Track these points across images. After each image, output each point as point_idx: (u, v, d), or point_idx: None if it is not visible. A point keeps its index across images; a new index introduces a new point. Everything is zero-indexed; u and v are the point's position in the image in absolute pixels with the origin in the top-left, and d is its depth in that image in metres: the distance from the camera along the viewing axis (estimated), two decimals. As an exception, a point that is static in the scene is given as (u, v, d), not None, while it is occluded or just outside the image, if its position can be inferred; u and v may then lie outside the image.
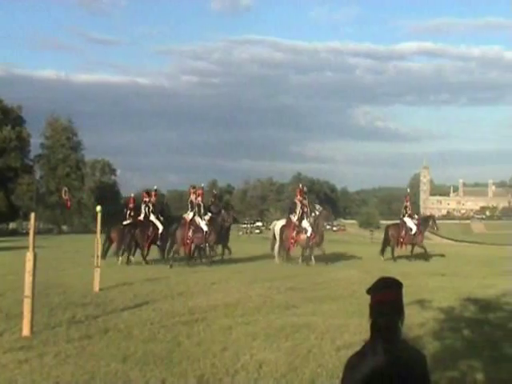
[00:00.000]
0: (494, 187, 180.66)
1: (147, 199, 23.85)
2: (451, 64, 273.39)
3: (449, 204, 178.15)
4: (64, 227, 79.15)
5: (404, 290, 2.94)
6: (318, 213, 22.51)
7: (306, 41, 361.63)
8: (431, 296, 12.43)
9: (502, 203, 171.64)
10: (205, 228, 21.18)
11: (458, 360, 7.39)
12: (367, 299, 2.93)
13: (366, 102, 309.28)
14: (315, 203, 24.72)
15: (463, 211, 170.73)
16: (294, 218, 22.30)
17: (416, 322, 9.39)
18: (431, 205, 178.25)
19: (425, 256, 23.54)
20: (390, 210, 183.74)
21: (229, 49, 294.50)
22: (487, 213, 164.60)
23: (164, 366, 7.14)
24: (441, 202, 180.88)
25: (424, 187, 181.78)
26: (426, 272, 18.76)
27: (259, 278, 16.26)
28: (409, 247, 24.46)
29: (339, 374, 2.95)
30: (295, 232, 21.96)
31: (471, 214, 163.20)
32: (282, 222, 23.42)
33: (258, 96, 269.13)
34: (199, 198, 21.94)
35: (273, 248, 22.90)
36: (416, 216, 26.29)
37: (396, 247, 24.20)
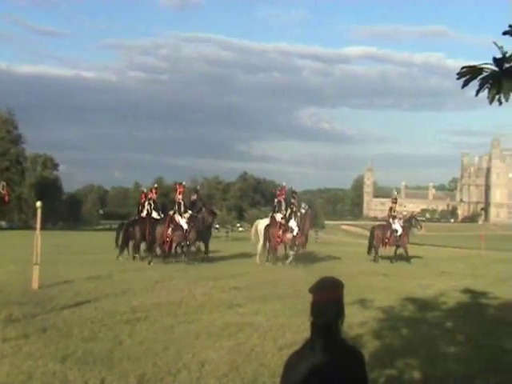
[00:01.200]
0: (434, 190, 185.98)
1: (151, 196, 23.58)
2: (395, 69, 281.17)
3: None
4: (2, 223, 76.74)
5: (346, 290, 2.98)
6: (303, 211, 22.32)
7: (255, 41, 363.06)
8: (372, 296, 12.67)
9: (442, 206, 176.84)
10: (185, 226, 21.07)
11: (396, 358, 7.57)
12: (311, 298, 2.96)
13: (313, 104, 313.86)
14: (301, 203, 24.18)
15: (405, 213, 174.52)
16: (279, 217, 21.93)
17: (357, 322, 9.57)
18: (374, 206, 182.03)
19: (406, 258, 23.80)
20: (335, 211, 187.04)
21: (177, 45, 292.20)
22: (427, 215, 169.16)
23: (104, 366, 7.02)
24: (383, 204, 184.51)
25: (368, 189, 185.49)
26: (368, 272, 19.11)
27: (203, 277, 16.19)
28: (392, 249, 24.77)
29: (281, 372, 2.97)
30: (281, 231, 21.55)
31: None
32: (266, 220, 22.92)
33: (205, 94, 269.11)
34: (180, 196, 21.89)
35: (255, 247, 22.52)
36: (401, 217, 26.61)
37: (381, 247, 24.51)
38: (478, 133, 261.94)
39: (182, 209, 21.47)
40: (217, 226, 73.72)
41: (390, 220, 24.99)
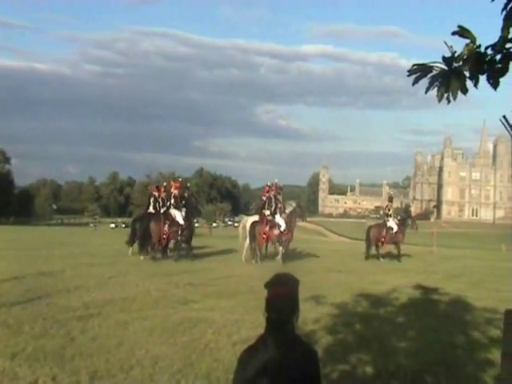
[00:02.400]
0: (388, 188, 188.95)
1: (156, 193, 23.27)
2: (350, 68, 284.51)
3: (346, 203, 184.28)
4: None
5: (301, 286, 2.99)
6: (292, 209, 22.40)
7: (213, 37, 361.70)
8: (327, 292, 12.79)
9: (395, 203, 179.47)
10: (181, 221, 21.08)
11: (349, 354, 7.66)
12: (266, 294, 2.96)
13: (270, 101, 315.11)
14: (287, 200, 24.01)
15: (359, 210, 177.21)
16: (268, 214, 21.72)
17: (311, 317, 9.66)
18: (329, 203, 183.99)
19: (397, 256, 24.11)
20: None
21: (134, 40, 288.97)
22: (381, 212, 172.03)
23: (55, 363, 6.90)
24: (338, 201, 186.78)
25: (323, 186, 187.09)
26: (324, 268, 19.29)
27: (158, 273, 16.09)
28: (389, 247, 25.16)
29: (234, 368, 2.97)
30: (268, 227, 21.22)
31: (366, 213, 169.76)
32: (254, 218, 22.48)
33: (162, 89, 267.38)
34: (175, 191, 21.86)
35: (242, 244, 22.27)
36: (398, 216, 26.89)
37: (379, 246, 24.79)
38: (430, 132, 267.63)
39: (177, 204, 21.55)
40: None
41: (385, 218, 25.42)
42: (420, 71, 3.57)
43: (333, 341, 8.40)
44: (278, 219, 21.32)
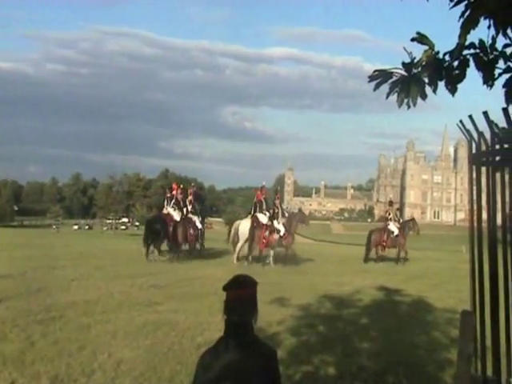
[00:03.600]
0: (352, 190, 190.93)
1: (168, 194, 24.28)
2: (315, 71, 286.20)
3: (311, 205, 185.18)
4: None
5: (266, 288, 3.01)
6: (291, 213, 22.97)
7: (178, 38, 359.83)
8: (291, 294, 12.86)
9: (359, 205, 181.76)
10: (199, 226, 22.91)
11: (312, 355, 7.72)
12: (225, 296, 2.97)
13: (235, 103, 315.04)
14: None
15: (324, 212, 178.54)
16: (263, 218, 21.91)
17: (275, 319, 9.69)
18: (295, 205, 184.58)
19: (404, 259, 24.26)
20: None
21: (99, 39, 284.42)
22: (345, 214, 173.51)
23: (15, 367, 6.76)
24: (303, 203, 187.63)
25: (288, 188, 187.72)
26: (288, 270, 19.39)
27: (122, 275, 15.92)
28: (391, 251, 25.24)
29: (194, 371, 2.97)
30: (267, 232, 21.45)
31: (331, 215, 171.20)
32: (247, 221, 22.53)
33: (127, 90, 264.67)
34: (190, 197, 23.53)
35: (234, 248, 22.31)
36: (400, 220, 26.91)
37: (381, 251, 25.00)
38: (394, 135, 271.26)
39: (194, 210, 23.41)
40: (137, 223, 72.79)
41: (386, 222, 25.65)
42: (381, 77, 3.63)
43: (296, 342, 8.45)
44: (277, 224, 21.60)
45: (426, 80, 3.63)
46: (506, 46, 3.50)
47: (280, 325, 9.49)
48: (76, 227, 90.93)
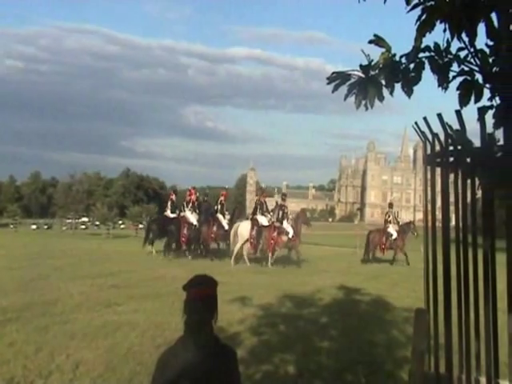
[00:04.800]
0: (313, 190, 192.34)
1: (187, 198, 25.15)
2: (278, 72, 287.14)
3: (273, 205, 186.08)
4: None
5: (227, 288, 3.02)
6: (296, 215, 23.25)
7: (140, 36, 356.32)
8: (252, 293, 12.89)
9: (321, 205, 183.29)
10: (226, 226, 23.31)
11: (273, 354, 7.76)
12: (184, 296, 2.96)
13: (198, 102, 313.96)
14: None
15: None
16: (263, 220, 22.18)
17: (236, 319, 9.71)
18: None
19: (406, 261, 23.96)
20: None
21: (59, 36, 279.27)
22: (307, 214, 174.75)
23: (-31, 370, 6.61)
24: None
25: (250, 188, 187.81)
26: (250, 270, 19.42)
27: (81, 275, 15.70)
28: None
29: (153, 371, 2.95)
30: (276, 233, 21.57)
31: (293, 214, 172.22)
32: (247, 223, 22.67)
33: (88, 88, 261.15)
34: (222, 198, 24.43)
35: (233, 250, 22.26)
36: (400, 222, 26.85)
37: (381, 253, 25.09)
38: (355, 136, 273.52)
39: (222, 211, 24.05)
40: (97, 222, 71.87)
41: (386, 225, 25.71)
42: (339, 79, 3.68)
43: (257, 342, 8.48)
44: (286, 225, 21.83)
45: (384, 82, 3.69)
46: (459, 49, 3.59)
47: (241, 324, 9.51)
48: (34, 227, 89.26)
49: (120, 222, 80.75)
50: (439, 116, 3.32)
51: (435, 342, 3.83)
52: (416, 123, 3.51)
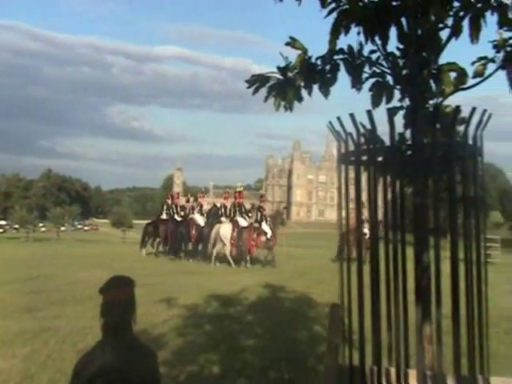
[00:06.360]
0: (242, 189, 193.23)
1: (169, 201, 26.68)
2: (205, 71, 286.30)
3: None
4: None
5: (152, 289, 2.97)
6: (273, 214, 23.69)
7: (63, 33, 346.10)
8: (178, 294, 12.79)
9: (248, 205, 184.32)
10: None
11: (198, 354, 7.73)
12: (101, 299, 2.90)
13: (122, 101, 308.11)
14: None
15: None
16: (242, 221, 22.33)
17: (161, 320, 9.63)
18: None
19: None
20: (145, 210, 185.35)
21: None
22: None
23: None
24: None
25: (177, 188, 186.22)
26: (176, 270, 19.27)
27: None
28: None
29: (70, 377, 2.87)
30: (255, 234, 21.83)
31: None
32: (228, 225, 22.59)
33: (6, 85, 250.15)
34: (240, 200, 24.74)
35: (211, 251, 22.27)
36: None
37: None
38: (281, 136, 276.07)
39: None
40: (16, 226, 69.29)
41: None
42: (258, 81, 3.71)
43: (182, 343, 8.43)
44: (265, 226, 22.19)
45: (302, 83, 3.76)
46: (371, 52, 3.70)
47: (165, 325, 9.43)
48: None
49: (41, 224, 78.12)
50: (351, 115, 3.41)
51: (349, 336, 3.94)
52: (330, 123, 3.59)
